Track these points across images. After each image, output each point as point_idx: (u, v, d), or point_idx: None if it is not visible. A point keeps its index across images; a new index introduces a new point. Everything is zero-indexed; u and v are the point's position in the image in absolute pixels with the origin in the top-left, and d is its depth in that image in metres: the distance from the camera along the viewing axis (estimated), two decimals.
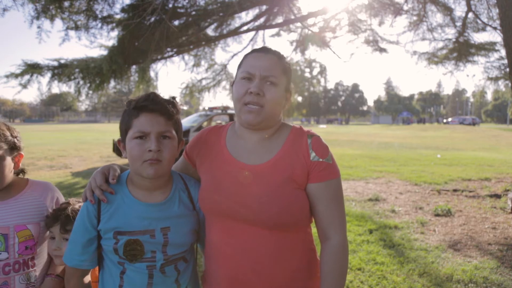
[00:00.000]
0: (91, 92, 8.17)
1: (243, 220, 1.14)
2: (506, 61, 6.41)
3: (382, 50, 9.48)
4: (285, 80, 1.22)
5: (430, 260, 3.65)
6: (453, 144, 20.47)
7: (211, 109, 12.66)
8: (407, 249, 3.98)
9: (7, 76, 7.36)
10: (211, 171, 1.25)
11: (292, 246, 1.17)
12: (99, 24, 7.62)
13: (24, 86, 7.60)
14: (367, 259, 3.66)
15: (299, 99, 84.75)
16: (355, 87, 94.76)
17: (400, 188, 7.29)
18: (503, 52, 8.50)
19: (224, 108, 12.62)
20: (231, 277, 1.17)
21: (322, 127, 52.64)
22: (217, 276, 1.21)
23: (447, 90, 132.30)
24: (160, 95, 1.21)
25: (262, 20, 8.90)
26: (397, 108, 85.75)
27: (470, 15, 8.09)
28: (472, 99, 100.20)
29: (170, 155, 1.18)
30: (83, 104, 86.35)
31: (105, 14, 7.54)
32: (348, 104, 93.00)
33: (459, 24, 8.42)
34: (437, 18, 16.54)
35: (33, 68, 7.48)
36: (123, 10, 7.46)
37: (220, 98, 72.80)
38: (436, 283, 3.18)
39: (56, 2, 6.69)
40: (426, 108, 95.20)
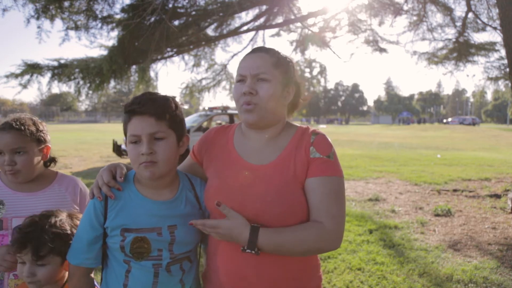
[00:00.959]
0: (91, 92, 8.15)
1: (247, 219, 1.14)
2: (506, 61, 6.40)
3: (382, 50, 9.46)
4: (279, 74, 1.20)
5: (430, 260, 3.65)
6: (453, 144, 20.48)
7: (211, 109, 12.66)
8: (407, 249, 3.98)
9: (7, 76, 7.36)
10: (219, 171, 1.25)
11: None
12: (99, 24, 7.61)
13: (24, 86, 7.60)
14: (367, 259, 3.66)
15: None
16: (355, 87, 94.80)
17: (400, 188, 7.29)
18: (503, 52, 8.49)
19: (224, 108, 12.63)
20: (232, 275, 1.17)
21: (322, 127, 52.56)
22: (218, 274, 1.21)
23: (447, 90, 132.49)
24: (157, 93, 1.20)
25: (262, 20, 8.88)
26: (397, 108, 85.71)
27: (470, 15, 8.09)
28: (472, 99, 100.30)
29: (165, 155, 1.16)
30: (83, 104, 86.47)
31: (105, 14, 7.53)
32: (348, 104, 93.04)
33: (459, 24, 8.41)
34: (437, 18, 16.50)
35: (33, 68, 7.47)
36: (123, 10, 7.45)
37: (220, 98, 73.04)
38: (436, 283, 3.18)
39: (56, 2, 6.68)
40: (426, 108, 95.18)
